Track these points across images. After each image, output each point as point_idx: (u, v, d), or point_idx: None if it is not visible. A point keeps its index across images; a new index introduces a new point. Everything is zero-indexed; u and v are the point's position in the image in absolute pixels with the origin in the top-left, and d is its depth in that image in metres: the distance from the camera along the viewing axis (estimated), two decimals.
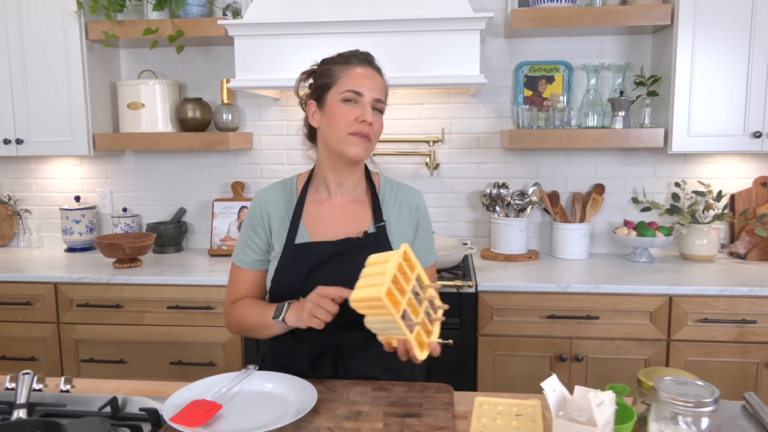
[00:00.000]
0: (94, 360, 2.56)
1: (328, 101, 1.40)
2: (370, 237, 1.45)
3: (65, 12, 2.66)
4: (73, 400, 1.28)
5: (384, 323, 1.15)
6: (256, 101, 2.98)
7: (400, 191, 1.53)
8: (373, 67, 1.44)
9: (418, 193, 1.56)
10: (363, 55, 1.44)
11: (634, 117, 2.74)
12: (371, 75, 1.41)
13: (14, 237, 3.18)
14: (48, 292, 2.55)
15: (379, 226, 1.46)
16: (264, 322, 1.38)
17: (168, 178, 3.09)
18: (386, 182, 1.55)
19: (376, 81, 1.42)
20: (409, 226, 1.50)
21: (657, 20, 2.47)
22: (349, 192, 1.49)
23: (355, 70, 1.40)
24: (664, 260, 2.73)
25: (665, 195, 2.84)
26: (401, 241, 1.48)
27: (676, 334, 2.30)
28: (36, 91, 2.74)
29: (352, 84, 1.38)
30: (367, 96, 1.39)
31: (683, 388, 0.96)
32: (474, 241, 2.95)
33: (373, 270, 1.17)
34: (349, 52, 1.43)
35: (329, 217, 1.47)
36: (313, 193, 1.50)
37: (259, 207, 1.50)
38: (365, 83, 1.39)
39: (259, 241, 1.48)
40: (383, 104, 1.43)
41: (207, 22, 2.63)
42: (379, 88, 1.42)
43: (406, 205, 1.51)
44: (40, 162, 3.13)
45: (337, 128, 1.38)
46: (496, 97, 2.86)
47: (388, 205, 1.50)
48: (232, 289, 1.51)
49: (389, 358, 1.49)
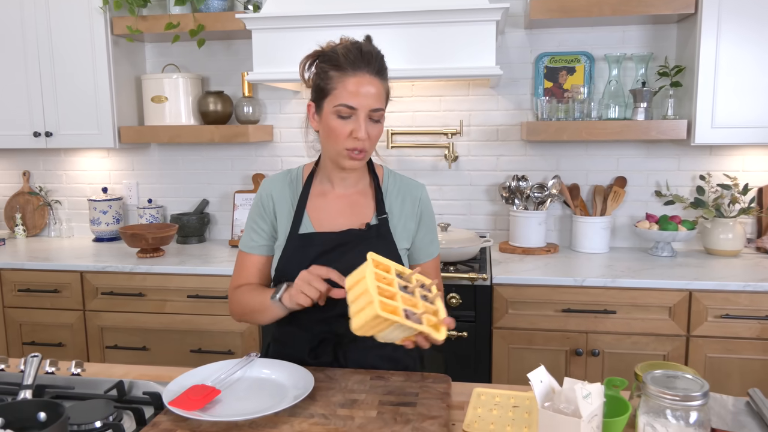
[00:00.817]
0: (119, 347, 2.64)
1: (324, 110, 1.38)
2: (372, 228, 1.46)
3: (91, 8, 2.73)
4: (82, 383, 1.32)
5: (395, 331, 1.15)
6: (277, 94, 3.01)
7: (403, 184, 1.54)
8: (372, 68, 1.35)
9: (421, 186, 1.56)
10: (361, 55, 1.35)
11: (657, 108, 2.69)
12: (368, 82, 1.34)
13: (46, 227, 3.29)
14: (74, 280, 2.63)
15: (381, 217, 1.47)
16: (263, 304, 1.39)
17: (191, 170, 3.15)
18: (389, 175, 1.55)
19: (374, 88, 1.35)
20: (411, 218, 1.51)
21: (680, 8, 2.41)
22: (352, 184, 1.50)
23: (350, 80, 1.33)
24: (687, 255, 2.68)
25: (689, 188, 2.78)
26: (404, 234, 1.49)
27: (695, 330, 2.26)
28: (64, 85, 2.82)
29: (346, 97, 1.33)
30: (361, 110, 1.34)
31: (672, 382, 0.95)
32: (492, 234, 2.94)
33: (356, 293, 1.17)
34: (347, 48, 1.35)
35: (333, 209, 1.48)
36: (317, 184, 1.51)
37: (265, 194, 1.51)
38: (360, 95, 1.33)
39: (265, 226, 1.50)
40: (382, 112, 1.39)
41: (227, 16, 2.67)
42: (377, 96, 1.36)
43: (409, 198, 1.52)
44: (70, 154, 3.23)
45: (333, 142, 1.38)
46: (515, 89, 2.83)
47: (390, 197, 1.51)
48: (237, 275, 1.53)
49: (388, 347, 1.50)
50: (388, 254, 1.45)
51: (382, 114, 1.40)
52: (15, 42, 2.82)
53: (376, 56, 1.38)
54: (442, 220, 2.91)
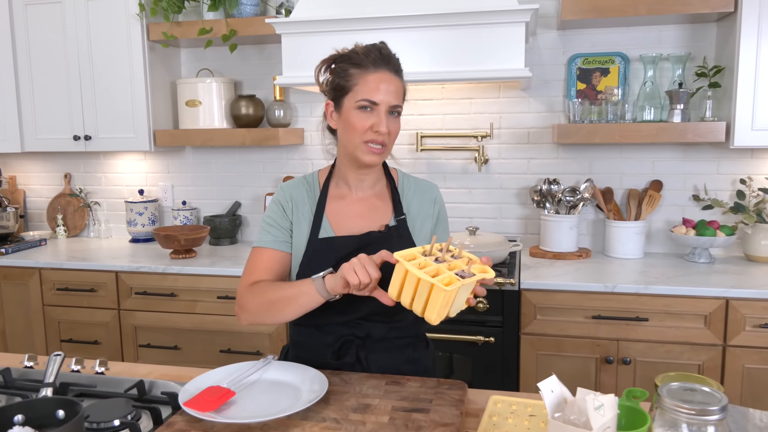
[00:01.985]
0: (151, 345, 2.69)
1: (344, 106, 1.40)
2: (391, 230, 1.47)
3: (128, 14, 2.81)
4: (105, 381, 1.35)
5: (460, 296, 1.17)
6: (308, 98, 3.03)
7: (418, 185, 1.56)
8: (391, 67, 1.40)
9: (435, 186, 1.59)
10: (381, 55, 1.39)
11: (694, 110, 2.61)
12: (387, 79, 1.38)
13: (85, 228, 3.38)
14: (110, 280, 2.70)
15: (399, 219, 1.49)
16: (297, 290, 1.33)
17: (224, 172, 3.20)
18: (404, 177, 1.57)
19: (393, 85, 1.39)
20: (428, 219, 1.53)
21: (718, 7, 2.33)
22: (369, 187, 1.51)
23: (370, 76, 1.37)
24: (725, 261, 2.59)
25: (729, 192, 2.68)
26: (421, 234, 1.51)
27: (732, 340, 2.18)
28: (102, 90, 2.90)
29: (367, 93, 1.36)
30: (382, 105, 1.37)
31: (689, 395, 0.91)
32: (523, 238, 2.90)
33: (409, 292, 1.19)
34: (366, 49, 1.40)
35: (351, 212, 1.49)
36: (334, 188, 1.52)
37: (285, 197, 1.50)
38: (381, 90, 1.37)
39: (285, 224, 1.48)
40: (401, 109, 1.42)
41: (258, 20, 2.71)
42: (396, 92, 1.39)
43: (425, 199, 1.54)
44: (109, 157, 3.32)
45: (353, 135, 1.39)
46: (547, 91, 2.79)
47: (407, 198, 1.53)
48: (250, 272, 1.46)
49: (408, 349, 1.50)
50: None
51: (401, 111, 1.43)
52: (57, 49, 2.91)
53: (394, 57, 1.43)
54: (471, 224, 2.89)
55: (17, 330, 2.86)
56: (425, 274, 1.13)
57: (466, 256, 1.25)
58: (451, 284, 1.12)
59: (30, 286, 2.79)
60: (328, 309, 1.44)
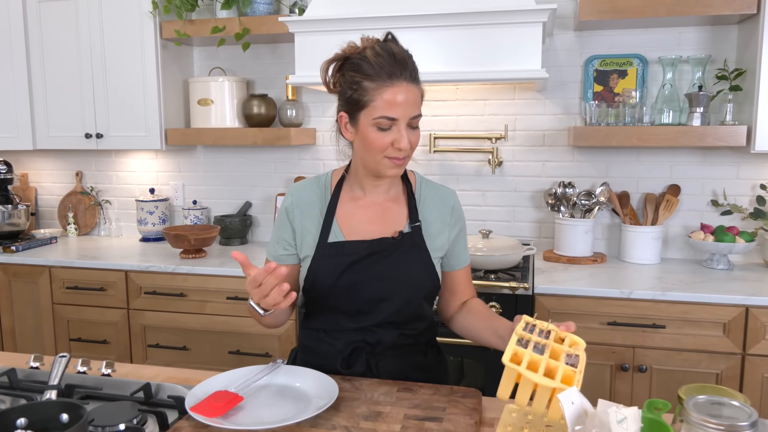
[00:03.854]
0: (160, 345, 2.67)
1: (360, 122, 1.32)
2: (405, 237, 1.41)
3: (141, 12, 2.79)
4: (111, 383, 1.33)
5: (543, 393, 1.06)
6: (320, 97, 3.01)
7: (437, 191, 1.49)
8: (407, 75, 1.30)
9: (454, 193, 1.52)
10: (395, 62, 1.29)
11: (714, 114, 2.55)
12: (405, 91, 1.28)
13: (96, 226, 3.37)
14: (119, 279, 2.69)
15: (414, 226, 1.43)
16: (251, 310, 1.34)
17: (235, 172, 3.18)
18: (422, 181, 1.51)
19: (411, 96, 1.30)
20: (445, 227, 1.47)
21: (740, 9, 2.28)
22: (384, 191, 1.45)
23: (387, 90, 1.27)
24: (745, 268, 2.53)
25: (749, 198, 2.63)
26: (436, 242, 1.44)
27: (752, 348, 2.12)
28: (114, 88, 2.89)
29: (385, 110, 1.28)
30: (402, 120, 1.29)
31: (717, 409, 0.87)
32: (537, 242, 2.85)
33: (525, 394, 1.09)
34: (376, 54, 1.28)
35: (364, 216, 1.44)
36: (347, 191, 1.47)
37: (290, 204, 1.46)
38: (399, 105, 1.28)
39: (288, 236, 1.46)
40: (420, 117, 1.34)
41: (271, 19, 2.68)
42: (414, 103, 1.31)
43: (442, 206, 1.47)
44: (120, 155, 3.31)
45: (373, 153, 1.33)
46: (563, 93, 2.74)
47: (424, 204, 1.46)
48: None
49: (422, 355, 1.46)
50: (421, 263, 1.41)
51: (420, 118, 1.35)
52: (69, 46, 2.90)
53: (408, 59, 1.32)
54: (484, 227, 2.85)
55: (27, 328, 2.85)
56: (545, 379, 1.05)
57: (551, 329, 1.17)
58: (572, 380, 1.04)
59: (40, 284, 2.78)
60: (338, 314, 1.41)
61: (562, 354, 1.10)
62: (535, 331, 1.17)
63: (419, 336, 1.46)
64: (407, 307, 1.41)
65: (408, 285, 1.40)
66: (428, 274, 1.42)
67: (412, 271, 1.40)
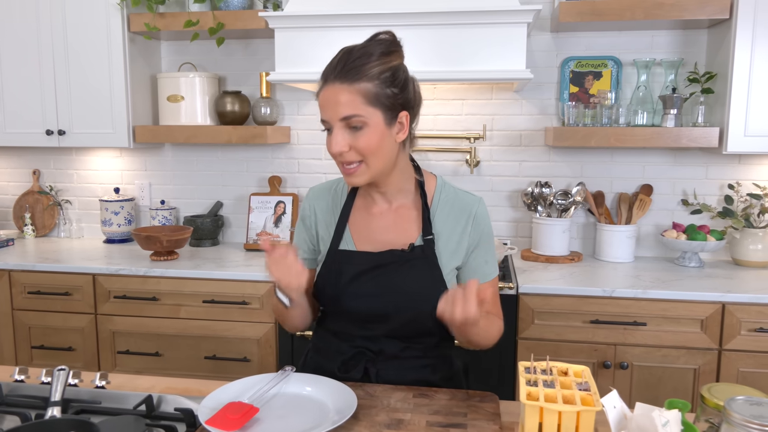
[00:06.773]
0: (130, 352, 2.56)
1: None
2: (415, 250, 1.35)
3: (108, 4, 2.67)
4: (109, 396, 1.25)
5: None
6: (295, 95, 2.94)
7: (457, 198, 1.39)
8: (335, 75, 1.22)
9: (479, 200, 1.40)
10: (330, 64, 1.25)
11: (686, 115, 2.63)
12: (332, 91, 1.22)
13: (55, 227, 3.21)
14: (86, 283, 2.56)
15: (427, 239, 1.35)
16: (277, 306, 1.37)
17: (206, 171, 3.08)
18: (443, 187, 1.41)
19: (342, 96, 1.21)
20: (464, 239, 1.37)
21: (714, 14, 2.35)
22: (394, 197, 1.39)
23: (320, 92, 1.25)
24: (715, 265, 2.61)
25: (717, 197, 2.71)
26: (451, 258, 1.36)
27: (728, 344, 2.19)
28: (78, 82, 2.75)
29: (321, 112, 1.25)
30: (332, 122, 1.23)
31: (757, 410, 0.88)
32: (514, 241, 2.87)
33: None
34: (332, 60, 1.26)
35: (376, 225, 1.39)
36: (361, 197, 1.41)
37: (308, 207, 1.45)
38: (327, 107, 1.23)
39: (308, 239, 1.44)
40: (360, 118, 1.21)
41: (248, 14, 2.60)
42: (346, 102, 1.21)
43: (461, 215, 1.37)
44: (82, 153, 3.16)
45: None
46: (540, 93, 2.77)
47: (441, 216, 1.37)
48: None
49: (417, 365, 1.40)
50: (432, 278, 1.34)
51: (363, 120, 1.21)
52: (29, 36, 2.75)
53: (344, 56, 1.23)
54: None
55: None
56: (568, 405, 1.02)
57: (552, 366, 1.16)
58: (591, 402, 1.03)
59: None
60: (347, 319, 1.38)
61: (572, 384, 1.10)
62: (537, 371, 1.15)
63: (428, 350, 1.40)
64: (414, 321, 1.34)
65: (414, 301, 1.32)
66: (437, 291, 1.26)
67: (421, 287, 1.32)
